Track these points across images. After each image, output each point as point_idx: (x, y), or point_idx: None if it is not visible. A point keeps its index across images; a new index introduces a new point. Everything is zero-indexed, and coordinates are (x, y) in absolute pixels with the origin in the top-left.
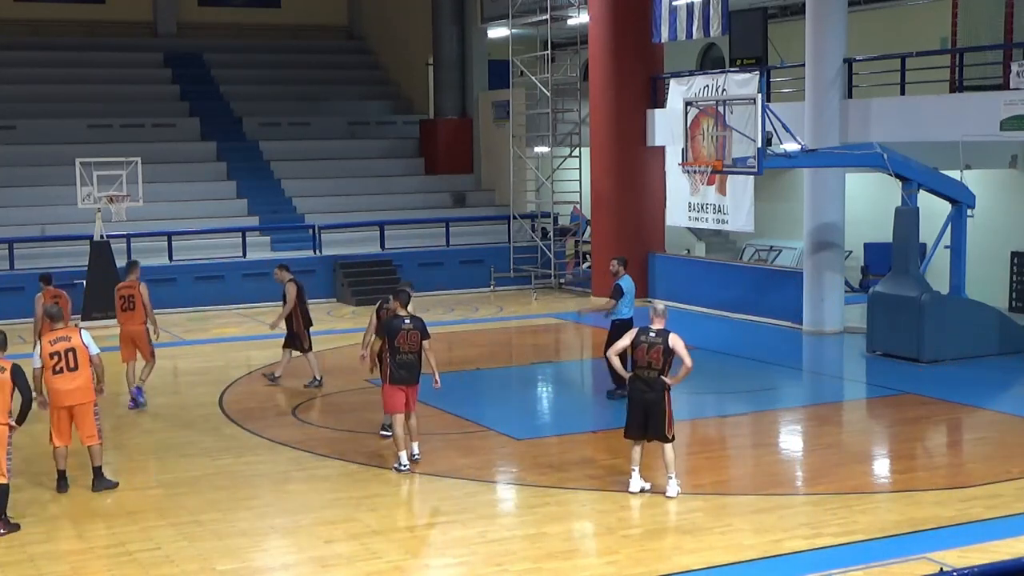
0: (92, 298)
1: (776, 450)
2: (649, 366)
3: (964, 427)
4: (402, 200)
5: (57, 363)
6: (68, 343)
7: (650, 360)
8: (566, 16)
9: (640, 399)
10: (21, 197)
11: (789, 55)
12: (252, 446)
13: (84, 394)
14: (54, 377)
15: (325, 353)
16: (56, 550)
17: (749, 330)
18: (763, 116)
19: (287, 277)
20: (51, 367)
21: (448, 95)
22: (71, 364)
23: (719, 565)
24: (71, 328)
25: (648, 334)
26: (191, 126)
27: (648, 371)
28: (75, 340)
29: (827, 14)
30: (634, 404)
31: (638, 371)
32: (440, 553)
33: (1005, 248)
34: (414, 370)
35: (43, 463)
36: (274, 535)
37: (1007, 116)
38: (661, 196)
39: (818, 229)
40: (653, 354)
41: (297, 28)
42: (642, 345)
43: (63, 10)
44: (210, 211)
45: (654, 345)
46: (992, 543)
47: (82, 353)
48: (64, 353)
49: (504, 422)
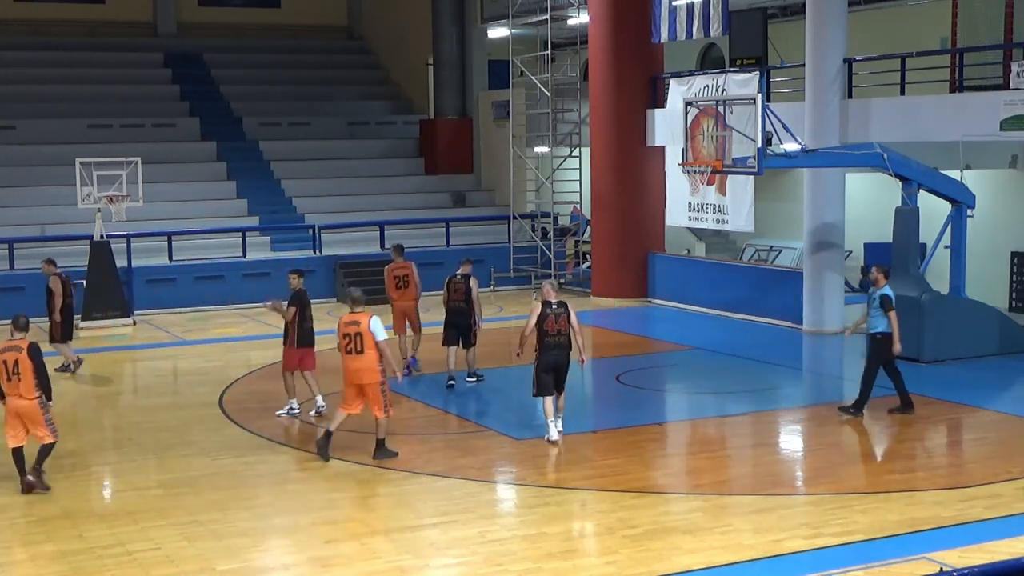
0: (92, 298)
1: (776, 450)
2: (559, 333)
3: (964, 427)
4: (402, 200)
5: (348, 344)
6: (357, 327)
7: (559, 328)
8: (566, 16)
9: (554, 362)
10: (21, 197)
11: (789, 55)
12: (252, 446)
13: (371, 375)
14: (345, 356)
15: (325, 353)
16: (56, 550)
17: (749, 330)
18: (763, 116)
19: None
20: (344, 347)
21: (448, 95)
22: (358, 347)
23: (719, 565)
24: (361, 314)
25: (551, 307)
26: (191, 126)
27: (558, 337)
28: (363, 325)
29: (827, 14)
30: (547, 367)
31: (549, 338)
32: (440, 553)
33: (1005, 248)
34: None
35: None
36: (274, 535)
37: (1007, 116)
38: (661, 196)
39: (818, 229)
40: (560, 323)
41: (297, 28)
42: (550, 316)
43: (63, 10)
44: (210, 211)
45: (560, 316)
46: (992, 543)
47: (367, 338)
48: (353, 336)
49: (504, 422)
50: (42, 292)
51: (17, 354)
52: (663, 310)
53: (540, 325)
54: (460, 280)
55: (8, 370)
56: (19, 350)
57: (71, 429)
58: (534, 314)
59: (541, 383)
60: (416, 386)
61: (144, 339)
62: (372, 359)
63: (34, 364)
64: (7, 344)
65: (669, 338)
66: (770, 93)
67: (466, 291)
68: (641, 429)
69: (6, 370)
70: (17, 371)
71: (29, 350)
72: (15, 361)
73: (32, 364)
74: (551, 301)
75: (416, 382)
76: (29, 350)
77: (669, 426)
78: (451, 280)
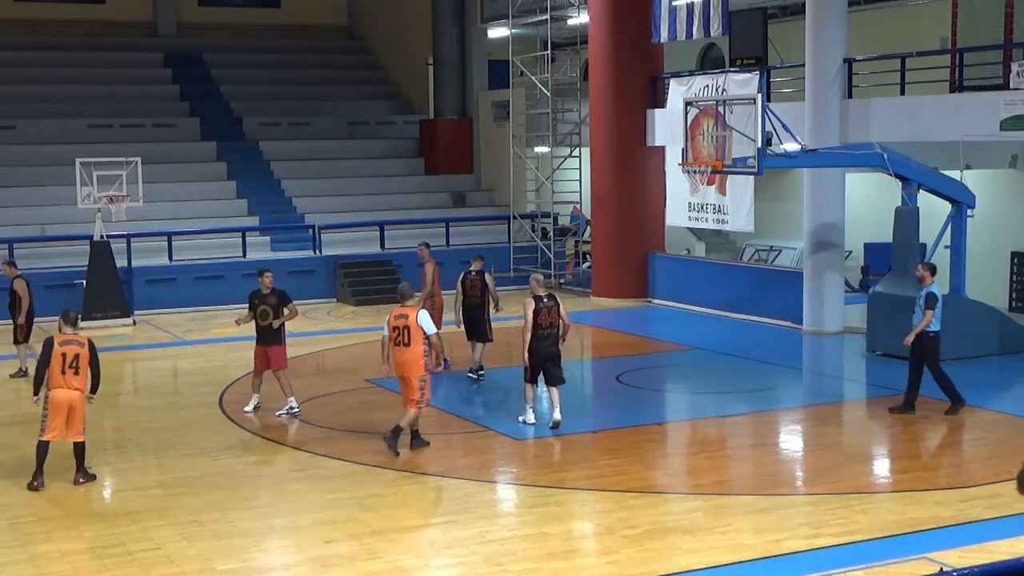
0: (92, 298)
1: (776, 450)
2: (551, 325)
3: (964, 427)
4: (402, 200)
5: (396, 337)
6: (405, 321)
7: (551, 320)
8: (566, 16)
9: (548, 353)
10: (21, 197)
11: (789, 55)
12: (252, 446)
13: (416, 367)
14: (393, 348)
15: (325, 353)
16: (56, 550)
17: (749, 330)
18: (763, 116)
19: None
20: (393, 340)
21: (448, 95)
22: (405, 340)
23: (719, 565)
24: (410, 308)
25: (543, 301)
26: (191, 126)
27: (551, 329)
28: (411, 319)
29: (827, 14)
30: (540, 357)
31: (543, 331)
32: (440, 553)
33: (1005, 248)
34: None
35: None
36: (274, 535)
37: (1007, 116)
38: (661, 196)
39: (818, 229)
40: (552, 315)
41: (297, 28)
42: (543, 311)
43: (63, 10)
44: (210, 211)
45: (551, 308)
46: (992, 543)
47: (415, 331)
48: (402, 329)
49: (504, 422)
50: (41, 292)
51: (79, 348)
52: (663, 310)
53: (535, 319)
54: (475, 276)
55: (66, 362)
56: (81, 345)
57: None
58: (529, 310)
59: (535, 371)
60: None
61: (144, 339)
62: (418, 353)
63: (92, 360)
64: (66, 338)
65: (669, 338)
66: (770, 93)
67: (481, 287)
68: (641, 429)
69: (63, 362)
70: (76, 365)
71: (90, 346)
72: (76, 355)
73: (91, 358)
74: (542, 295)
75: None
76: (90, 346)
77: (669, 426)
78: (465, 276)
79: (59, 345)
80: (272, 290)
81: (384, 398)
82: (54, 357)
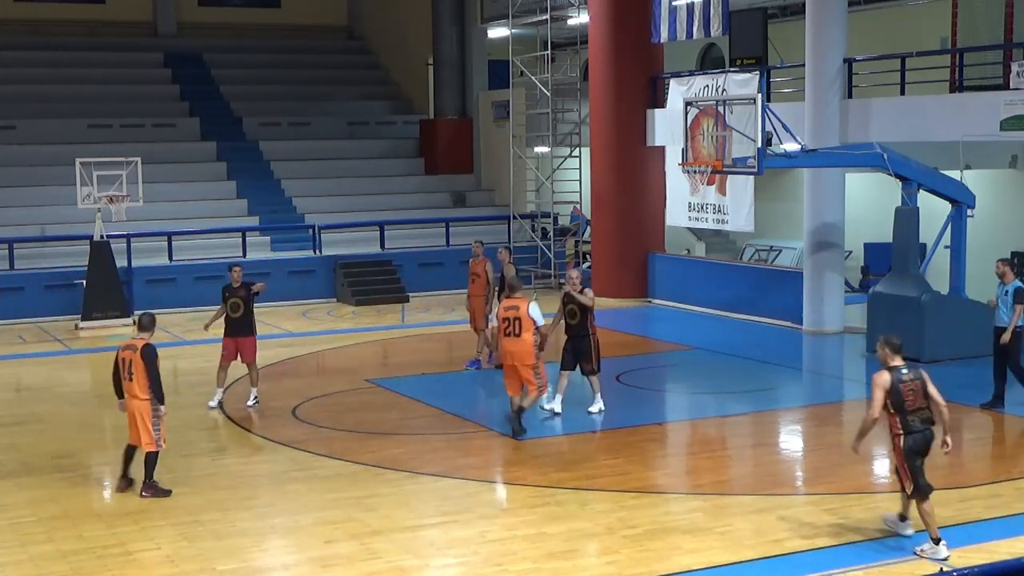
0: (92, 298)
1: (776, 450)
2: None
3: (964, 427)
4: (402, 200)
5: (507, 327)
6: (516, 312)
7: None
8: (566, 16)
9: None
10: (21, 197)
11: (789, 55)
12: (252, 446)
13: (527, 356)
14: (504, 339)
15: (325, 353)
16: (56, 550)
17: (749, 330)
18: (763, 116)
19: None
20: (503, 330)
21: (448, 95)
22: (516, 330)
23: (719, 565)
24: (520, 299)
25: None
26: (191, 126)
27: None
28: (522, 310)
29: (827, 14)
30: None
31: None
32: (440, 553)
33: (1005, 248)
34: None
35: (39, 462)
36: (274, 535)
37: (1007, 116)
38: (661, 196)
39: (818, 229)
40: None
41: (297, 28)
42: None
43: (63, 10)
44: (210, 211)
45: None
46: (992, 543)
47: (526, 322)
48: (512, 320)
49: (504, 422)
50: (41, 292)
51: (132, 353)
52: (663, 310)
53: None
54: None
55: (125, 369)
56: (134, 350)
57: (72, 429)
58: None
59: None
60: (425, 384)
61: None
62: (529, 342)
63: (146, 365)
64: (127, 343)
65: (669, 338)
66: (770, 93)
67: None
68: (641, 429)
69: (124, 368)
70: (130, 371)
71: (142, 351)
72: (129, 361)
73: (144, 365)
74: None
75: (430, 381)
76: (142, 351)
77: (669, 426)
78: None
79: (120, 351)
80: (242, 284)
81: (384, 398)
82: (118, 364)
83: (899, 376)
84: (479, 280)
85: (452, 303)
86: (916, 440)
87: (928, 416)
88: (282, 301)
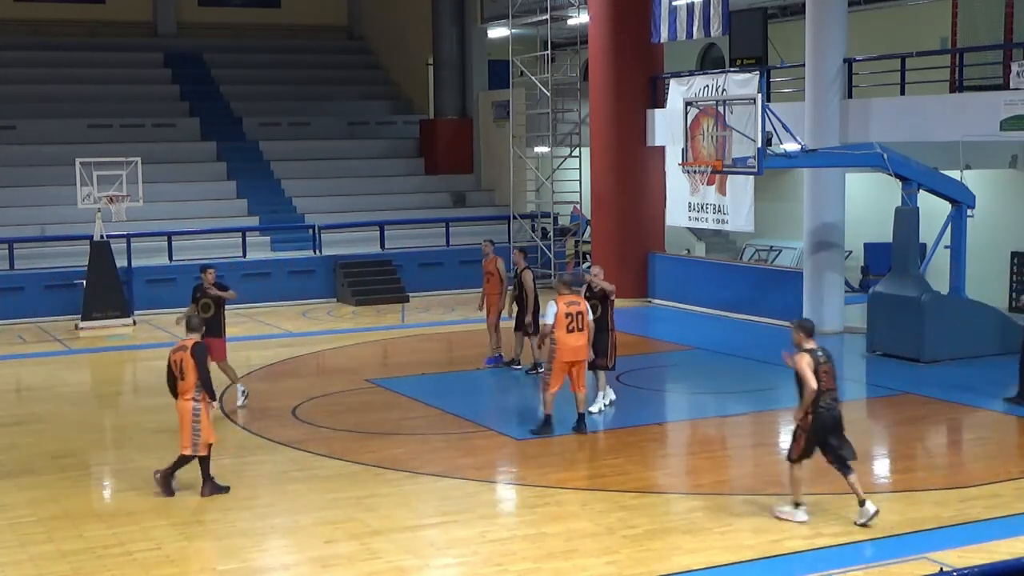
0: (92, 298)
1: (776, 450)
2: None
3: (964, 427)
4: (402, 200)
5: (570, 323)
6: (578, 307)
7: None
8: (566, 16)
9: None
10: (21, 197)
11: (789, 55)
12: (252, 446)
13: (586, 352)
14: (568, 335)
15: (325, 353)
16: (56, 550)
17: (749, 330)
18: (763, 116)
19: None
20: (565, 326)
21: (448, 95)
22: (579, 326)
23: (719, 565)
24: (576, 295)
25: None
26: (191, 126)
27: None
28: (583, 306)
29: (827, 14)
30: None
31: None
32: (440, 553)
33: (1005, 248)
34: None
35: (39, 462)
36: (274, 535)
37: (1007, 116)
38: (661, 196)
39: (818, 229)
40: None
41: (297, 28)
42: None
43: (63, 10)
44: (210, 211)
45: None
46: (992, 543)
47: (587, 319)
48: (575, 316)
49: (504, 422)
50: (41, 292)
51: (183, 354)
52: (663, 310)
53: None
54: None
55: (178, 369)
56: (185, 350)
57: (72, 429)
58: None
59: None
60: (425, 384)
61: (144, 339)
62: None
63: (196, 363)
64: (178, 345)
65: (669, 338)
66: (770, 93)
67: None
68: (641, 429)
69: (176, 369)
70: (182, 371)
71: (193, 349)
72: (181, 361)
73: (194, 363)
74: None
75: (430, 381)
76: (193, 349)
77: (669, 426)
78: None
79: (172, 353)
80: (214, 284)
81: (384, 398)
82: (171, 366)
83: (816, 357)
84: (493, 279)
85: (452, 303)
86: (825, 418)
87: (836, 396)
88: (282, 301)
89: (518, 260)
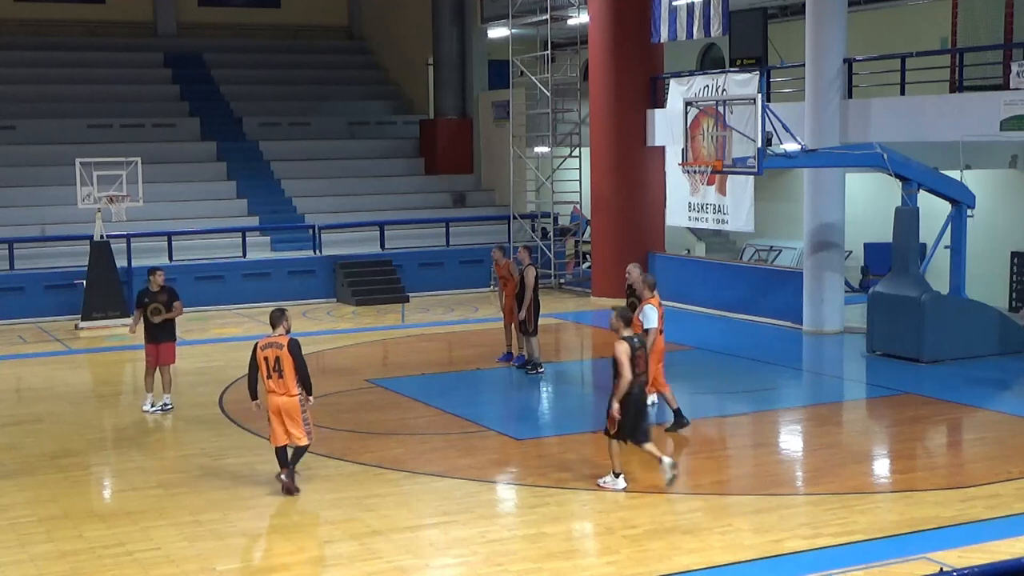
0: (92, 298)
1: (776, 450)
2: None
3: (964, 427)
4: (402, 200)
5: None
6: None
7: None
8: (566, 16)
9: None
10: (21, 197)
11: (789, 55)
12: (252, 446)
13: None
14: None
15: (325, 353)
16: (56, 550)
17: (749, 330)
18: (763, 116)
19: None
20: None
21: (448, 95)
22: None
23: (719, 565)
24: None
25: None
26: (191, 126)
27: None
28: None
29: (827, 14)
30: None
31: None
32: (440, 553)
33: (1005, 248)
34: None
35: (39, 462)
36: (274, 535)
37: (1007, 116)
38: (661, 196)
39: (818, 229)
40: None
41: (297, 28)
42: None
43: (63, 10)
44: (210, 211)
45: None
46: (992, 543)
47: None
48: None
49: (504, 422)
50: (41, 292)
51: (278, 351)
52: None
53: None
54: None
55: (269, 367)
56: (280, 347)
57: (72, 429)
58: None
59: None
60: (425, 384)
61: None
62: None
63: (295, 360)
64: (268, 341)
65: (669, 338)
66: (770, 93)
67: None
68: None
69: (267, 367)
70: (279, 368)
71: (289, 346)
72: (276, 358)
73: (293, 360)
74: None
75: (430, 381)
76: (289, 346)
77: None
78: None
79: (261, 350)
80: (162, 288)
81: (384, 398)
82: (259, 363)
83: (633, 344)
84: (509, 283)
85: (452, 303)
86: (638, 399)
87: (645, 380)
88: (282, 301)
89: (523, 257)
